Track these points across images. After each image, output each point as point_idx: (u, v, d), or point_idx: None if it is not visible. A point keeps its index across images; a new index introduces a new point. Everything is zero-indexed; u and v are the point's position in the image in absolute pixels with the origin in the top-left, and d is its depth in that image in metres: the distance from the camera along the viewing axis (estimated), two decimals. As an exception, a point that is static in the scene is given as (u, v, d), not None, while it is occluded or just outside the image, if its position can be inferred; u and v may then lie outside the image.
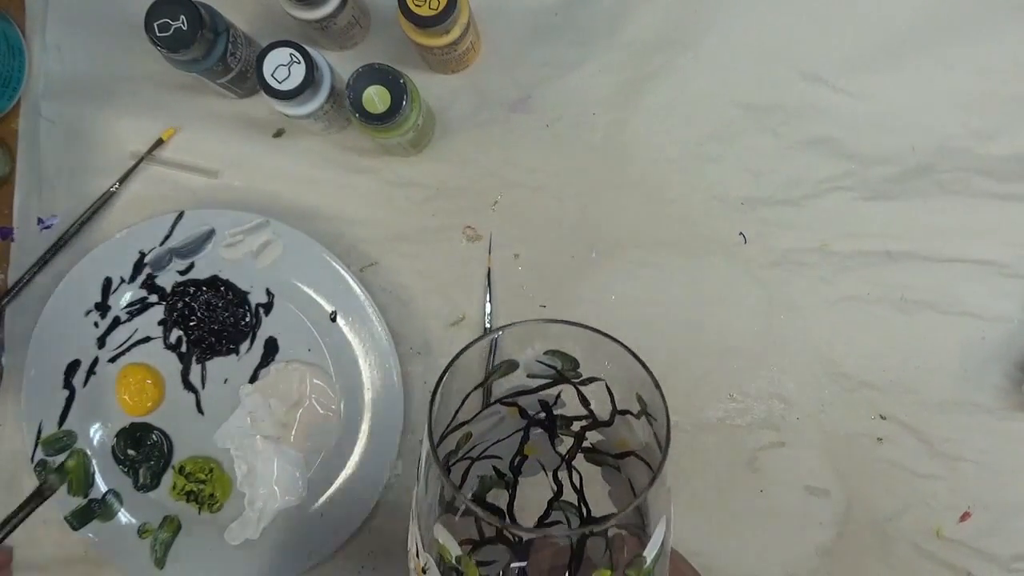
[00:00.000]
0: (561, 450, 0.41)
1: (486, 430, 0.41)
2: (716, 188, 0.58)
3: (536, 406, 0.41)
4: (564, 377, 0.39)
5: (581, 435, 0.41)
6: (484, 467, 0.41)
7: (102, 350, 0.58)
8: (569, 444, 0.41)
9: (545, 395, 0.40)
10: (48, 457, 0.58)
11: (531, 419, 0.41)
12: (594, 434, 0.41)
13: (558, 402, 0.41)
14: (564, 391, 0.40)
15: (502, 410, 0.41)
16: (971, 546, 0.56)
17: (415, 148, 0.58)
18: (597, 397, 0.39)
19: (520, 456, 0.42)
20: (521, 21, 0.59)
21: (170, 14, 0.49)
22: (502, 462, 0.41)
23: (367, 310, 0.57)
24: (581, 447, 0.41)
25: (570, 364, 0.38)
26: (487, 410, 0.40)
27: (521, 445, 0.41)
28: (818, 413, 0.57)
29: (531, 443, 0.42)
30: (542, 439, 0.41)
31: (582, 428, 0.41)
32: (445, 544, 0.32)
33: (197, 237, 0.58)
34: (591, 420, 0.40)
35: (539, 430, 0.41)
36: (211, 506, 0.58)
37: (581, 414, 0.40)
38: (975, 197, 0.57)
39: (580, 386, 0.39)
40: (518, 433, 0.41)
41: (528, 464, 0.42)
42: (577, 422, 0.41)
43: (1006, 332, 0.57)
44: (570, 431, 0.41)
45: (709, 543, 0.57)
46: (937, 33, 0.58)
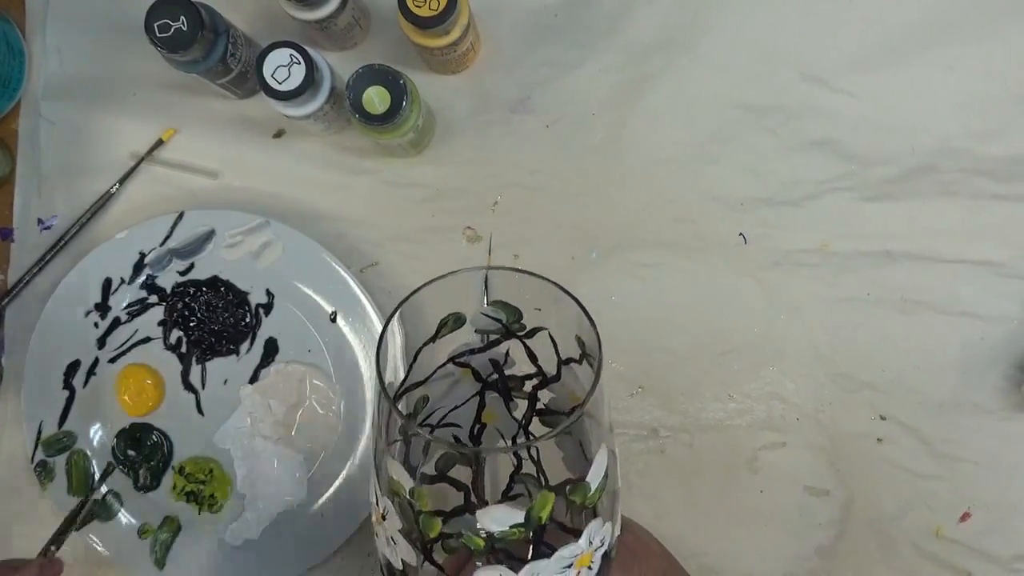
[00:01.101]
0: (517, 415, 0.42)
1: (441, 394, 0.41)
2: (716, 188, 0.58)
3: (488, 367, 0.41)
4: (510, 331, 0.39)
5: (534, 395, 0.41)
6: (444, 436, 0.41)
7: (102, 350, 0.59)
8: (523, 408, 0.42)
9: (495, 354, 0.41)
10: (48, 458, 0.58)
11: (485, 382, 0.41)
12: (546, 393, 0.41)
13: (508, 360, 0.41)
14: (512, 348, 0.40)
15: (456, 371, 0.41)
16: (971, 546, 0.56)
17: (415, 149, 0.58)
18: (544, 352, 0.40)
19: (479, 424, 0.42)
20: (521, 22, 0.59)
21: (170, 15, 0.49)
22: (462, 431, 0.42)
23: (367, 310, 0.57)
24: (535, 410, 0.41)
25: (514, 315, 0.39)
26: (441, 370, 0.41)
27: (478, 412, 0.42)
28: (818, 413, 0.57)
29: (488, 410, 0.42)
30: (498, 404, 0.42)
31: (534, 388, 0.41)
32: (399, 479, 0.32)
33: (197, 238, 0.58)
34: (541, 377, 0.41)
35: (494, 394, 0.42)
36: (211, 506, 0.58)
37: (531, 372, 0.41)
38: (975, 198, 0.57)
39: (526, 339, 0.40)
40: (474, 399, 0.42)
41: (487, 433, 0.42)
42: (528, 381, 0.41)
43: (1006, 332, 0.57)
44: (523, 393, 0.42)
45: (709, 543, 0.57)
46: (937, 33, 0.58)
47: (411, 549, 0.33)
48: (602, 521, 0.33)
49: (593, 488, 0.33)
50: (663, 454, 0.57)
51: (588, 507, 0.33)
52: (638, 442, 0.58)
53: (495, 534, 0.31)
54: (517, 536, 0.31)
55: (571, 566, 0.32)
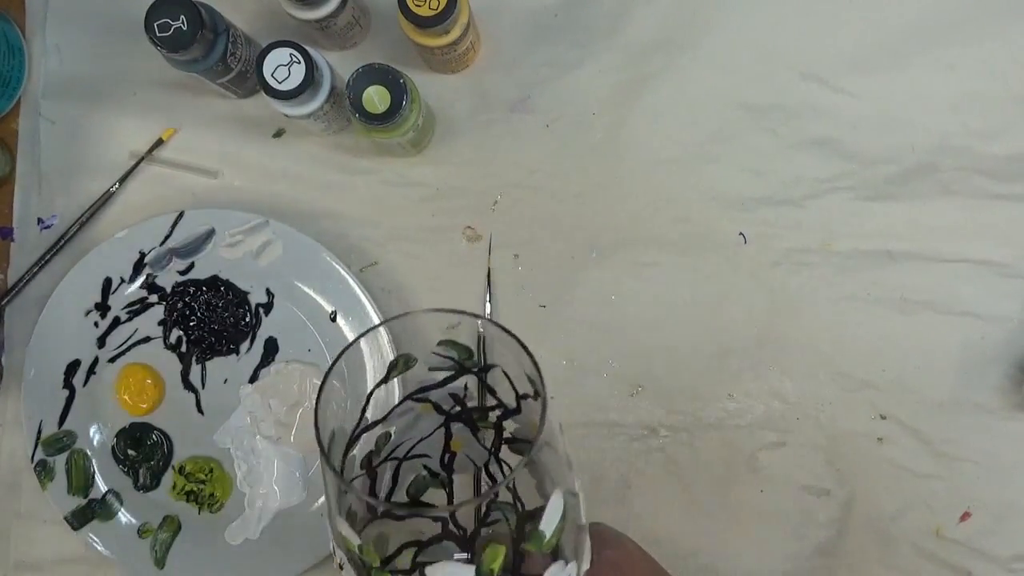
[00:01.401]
0: (486, 443, 0.41)
1: (404, 428, 0.41)
2: (716, 188, 0.58)
3: (448, 400, 0.41)
4: (464, 367, 0.39)
5: (499, 425, 0.41)
6: (415, 467, 0.40)
7: (102, 350, 0.59)
8: (491, 436, 0.41)
9: (454, 388, 0.40)
10: (48, 457, 0.58)
11: (448, 414, 0.41)
12: (510, 423, 0.40)
13: (467, 394, 0.41)
14: (470, 382, 0.40)
15: (415, 407, 0.40)
16: (971, 546, 0.56)
17: (415, 148, 0.58)
18: (500, 385, 0.39)
19: (448, 453, 0.41)
20: (521, 21, 0.59)
21: (170, 14, 0.49)
22: (432, 460, 0.41)
23: (367, 310, 0.57)
24: (503, 439, 0.41)
25: (465, 353, 0.38)
26: (399, 408, 0.40)
27: (447, 441, 0.41)
28: (818, 413, 0.57)
29: (455, 438, 0.41)
30: (465, 432, 0.41)
31: (498, 418, 0.41)
32: (347, 536, 0.32)
33: (197, 237, 0.58)
34: (503, 408, 0.40)
35: (459, 424, 0.41)
36: (211, 506, 0.58)
37: (492, 403, 0.40)
38: (976, 197, 0.57)
39: (481, 374, 0.39)
40: (440, 429, 0.41)
41: (459, 460, 0.41)
42: (492, 412, 0.41)
43: (1006, 332, 0.57)
44: (488, 423, 0.41)
45: (709, 543, 0.57)
46: (937, 33, 0.58)
47: None
48: (563, 564, 0.32)
49: (548, 534, 0.32)
50: (663, 454, 0.57)
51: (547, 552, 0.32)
52: (638, 442, 0.58)
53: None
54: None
55: None
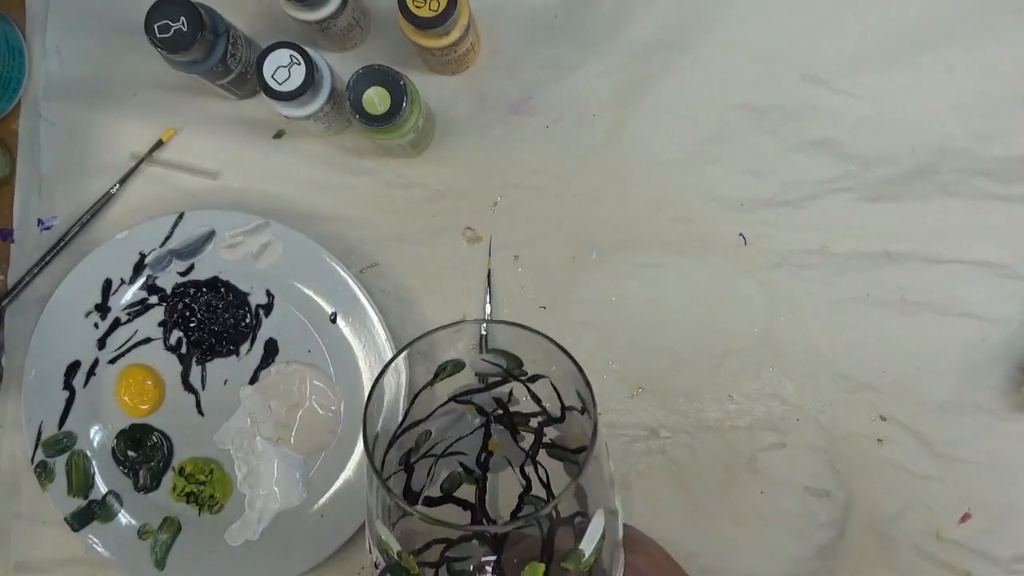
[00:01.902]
0: (524, 445, 0.41)
1: (446, 427, 0.41)
2: (716, 189, 0.58)
3: (491, 403, 0.41)
4: (512, 375, 0.39)
5: (540, 431, 0.41)
6: (451, 464, 0.41)
7: (102, 351, 0.59)
8: (531, 440, 0.41)
9: (499, 392, 0.40)
10: (48, 458, 0.58)
11: (489, 416, 0.41)
12: (552, 429, 0.41)
13: (511, 399, 0.41)
14: (516, 388, 0.40)
15: (458, 408, 0.41)
16: (971, 547, 0.56)
17: (415, 149, 0.58)
18: (547, 394, 0.39)
19: (485, 452, 0.42)
20: (521, 22, 0.59)
21: (170, 15, 0.49)
22: (468, 459, 0.41)
23: (367, 311, 0.57)
24: (542, 443, 0.41)
25: (515, 363, 0.38)
26: (442, 408, 0.40)
27: (485, 441, 0.42)
28: (818, 414, 0.57)
29: (494, 439, 0.42)
30: (504, 435, 0.42)
31: (540, 424, 0.41)
32: (387, 542, 0.32)
33: (197, 238, 0.58)
34: (545, 417, 0.40)
35: (500, 426, 0.41)
36: (211, 507, 0.58)
37: (535, 410, 0.40)
38: (975, 198, 0.57)
39: (528, 383, 0.39)
40: (480, 430, 0.41)
41: (495, 460, 0.42)
42: (534, 418, 0.41)
43: (1006, 333, 0.57)
44: (529, 427, 0.41)
45: (709, 543, 0.57)
46: (937, 34, 0.58)
47: None
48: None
49: (587, 554, 0.32)
50: (663, 455, 0.57)
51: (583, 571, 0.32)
52: (638, 443, 0.58)
53: None
54: None
55: None
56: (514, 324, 0.35)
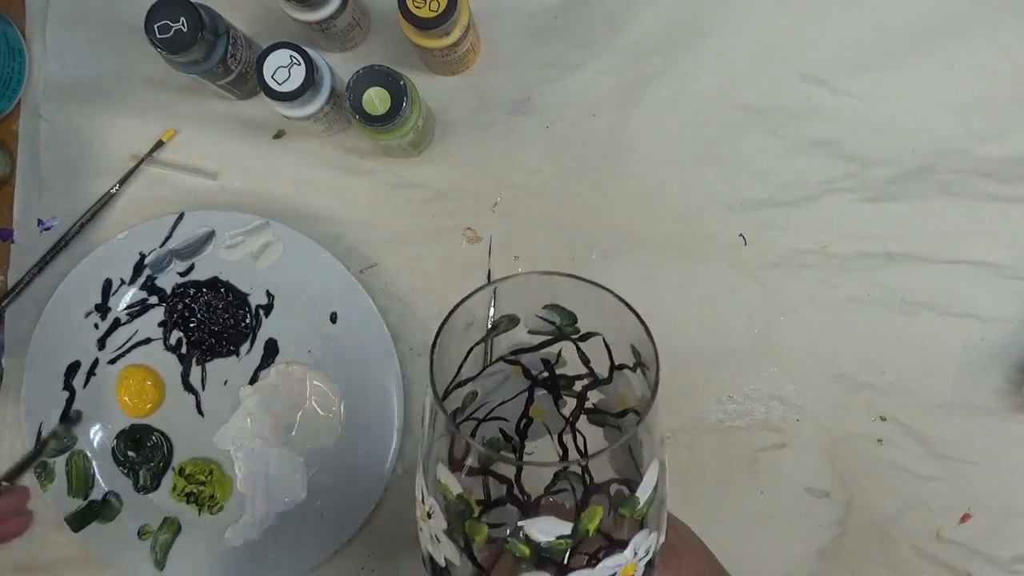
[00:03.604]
0: (564, 412, 0.42)
1: (491, 389, 0.41)
2: (716, 189, 0.58)
3: (539, 365, 0.41)
4: (563, 333, 0.39)
5: (583, 395, 0.41)
6: (491, 429, 0.41)
7: (102, 351, 0.59)
8: (572, 405, 0.42)
9: (547, 353, 0.41)
10: (48, 458, 0.58)
11: (535, 379, 0.41)
12: (595, 393, 0.41)
13: (559, 360, 0.41)
14: (564, 348, 0.40)
15: (506, 368, 0.41)
16: (971, 547, 0.56)
17: (415, 150, 0.58)
18: (596, 354, 0.40)
19: (526, 419, 0.42)
20: (521, 23, 0.59)
21: (170, 16, 0.49)
22: (508, 424, 0.42)
23: (367, 311, 0.57)
24: (584, 408, 0.41)
25: (568, 319, 0.39)
26: (490, 368, 0.41)
27: (526, 407, 0.42)
28: (818, 414, 0.57)
29: (536, 405, 0.42)
30: (546, 400, 0.42)
31: (584, 388, 0.41)
32: (447, 483, 0.32)
33: (197, 238, 0.58)
34: (592, 379, 0.41)
35: (543, 391, 0.42)
36: (211, 507, 0.58)
37: (582, 372, 0.41)
38: (975, 199, 0.57)
39: (579, 342, 0.40)
40: (523, 394, 0.42)
41: (533, 428, 0.42)
42: (579, 381, 0.41)
43: (1006, 334, 0.57)
44: (572, 391, 0.41)
45: (709, 543, 0.57)
46: (937, 34, 0.58)
47: (455, 549, 0.33)
48: (648, 531, 0.33)
49: (642, 502, 0.33)
50: (663, 455, 0.57)
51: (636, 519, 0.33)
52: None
53: (541, 543, 0.31)
54: (563, 547, 0.31)
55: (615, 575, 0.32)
56: (574, 276, 0.35)
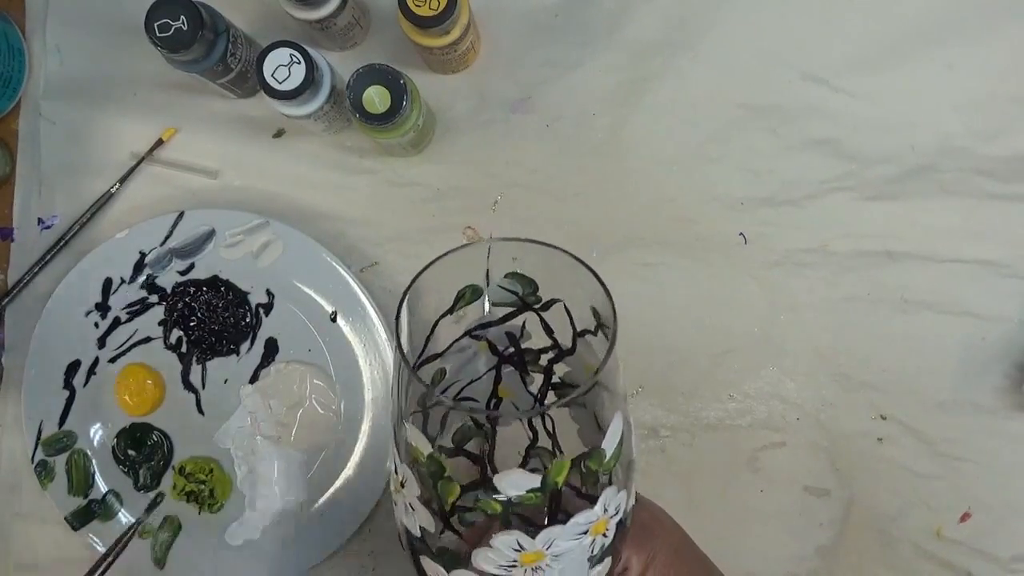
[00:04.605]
0: (532, 389, 0.42)
1: (459, 367, 0.42)
2: (716, 188, 0.58)
3: (504, 340, 0.42)
4: (526, 303, 0.40)
5: (549, 369, 0.42)
6: (462, 416, 0.42)
7: (102, 350, 0.59)
8: (539, 382, 0.42)
9: (511, 327, 0.41)
10: (48, 457, 0.58)
11: (501, 355, 0.42)
12: (561, 367, 0.41)
13: (524, 334, 0.41)
14: (528, 321, 0.41)
15: (473, 344, 0.41)
16: (971, 546, 0.56)
17: (415, 148, 0.58)
18: (559, 324, 0.40)
19: (495, 399, 0.42)
20: (521, 21, 0.59)
21: (170, 14, 0.49)
22: (478, 405, 0.42)
23: (367, 310, 0.57)
24: (551, 384, 0.42)
25: (530, 287, 0.39)
26: (457, 344, 0.41)
27: (495, 387, 0.42)
28: (818, 413, 0.57)
29: (504, 384, 0.42)
30: (514, 378, 0.42)
31: (549, 361, 0.42)
32: (417, 446, 0.33)
33: (197, 237, 0.58)
34: (557, 351, 0.41)
35: (510, 368, 0.42)
36: (211, 506, 0.58)
37: (547, 345, 0.41)
38: (976, 197, 0.57)
39: (541, 311, 0.40)
40: (490, 373, 0.42)
41: (504, 407, 0.43)
42: (544, 355, 0.42)
43: (1006, 332, 0.57)
44: (539, 366, 0.42)
45: (709, 543, 0.57)
46: (937, 33, 0.58)
47: (430, 515, 0.33)
48: (616, 489, 0.33)
49: (608, 454, 0.33)
50: (663, 454, 0.57)
51: (604, 474, 0.33)
52: (638, 442, 0.58)
53: (512, 499, 0.31)
54: (534, 501, 0.31)
55: (586, 532, 0.32)
56: (531, 241, 0.35)
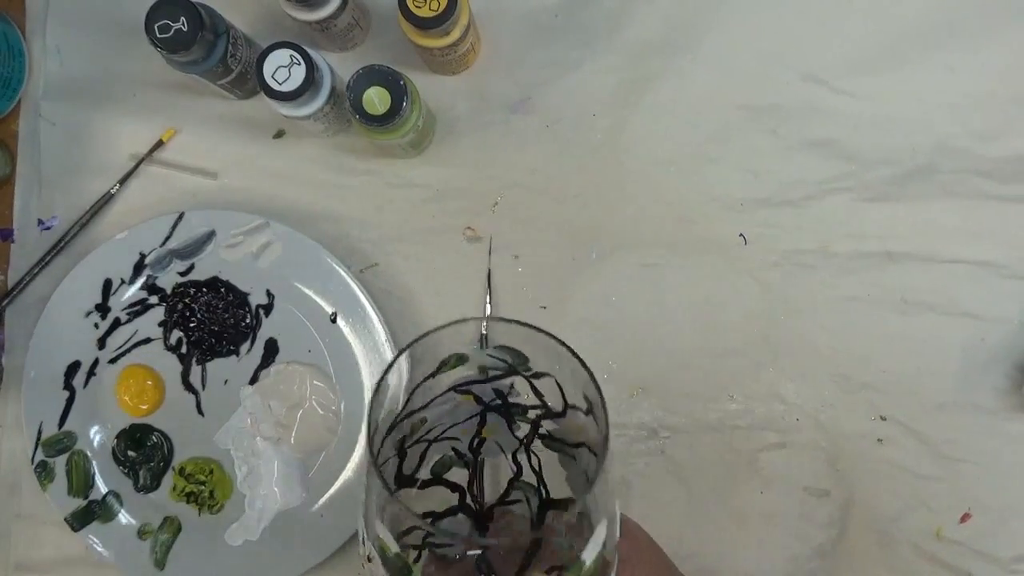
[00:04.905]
0: (519, 435, 0.41)
1: (441, 415, 0.41)
2: (716, 189, 0.58)
3: (490, 394, 0.41)
4: (515, 370, 0.39)
5: (537, 423, 0.41)
6: (443, 448, 0.41)
7: (102, 351, 0.59)
8: (526, 430, 0.41)
9: (499, 384, 0.40)
10: (48, 458, 0.58)
11: (487, 405, 0.41)
12: (550, 422, 0.41)
13: (512, 391, 0.41)
14: (517, 382, 0.40)
15: (456, 397, 0.41)
16: (971, 547, 0.56)
17: (415, 149, 0.58)
18: (549, 391, 0.39)
19: (479, 438, 0.42)
20: (521, 22, 0.59)
21: (170, 15, 0.49)
22: (461, 444, 0.41)
23: (367, 311, 0.57)
24: (538, 433, 0.41)
25: (520, 360, 0.38)
26: (440, 397, 0.40)
27: (479, 428, 0.41)
28: (818, 414, 0.57)
29: (489, 426, 0.41)
30: (500, 423, 0.41)
31: (537, 416, 0.41)
32: (384, 540, 0.32)
33: (197, 238, 0.58)
34: (545, 409, 0.40)
35: (496, 415, 0.41)
36: (211, 507, 0.58)
37: (535, 403, 0.40)
38: (975, 198, 0.57)
39: (532, 379, 0.39)
40: (475, 418, 0.41)
41: (487, 446, 0.42)
42: (532, 411, 0.41)
43: (1006, 333, 0.57)
44: (526, 418, 0.41)
45: (709, 543, 0.57)
46: (937, 34, 0.58)
47: None
48: None
49: (588, 563, 0.31)
50: (663, 455, 0.57)
51: None
52: (638, 443, 0.58)
53: None
54: None
55: None
56: (521, 323, 0.34)
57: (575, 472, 0.37)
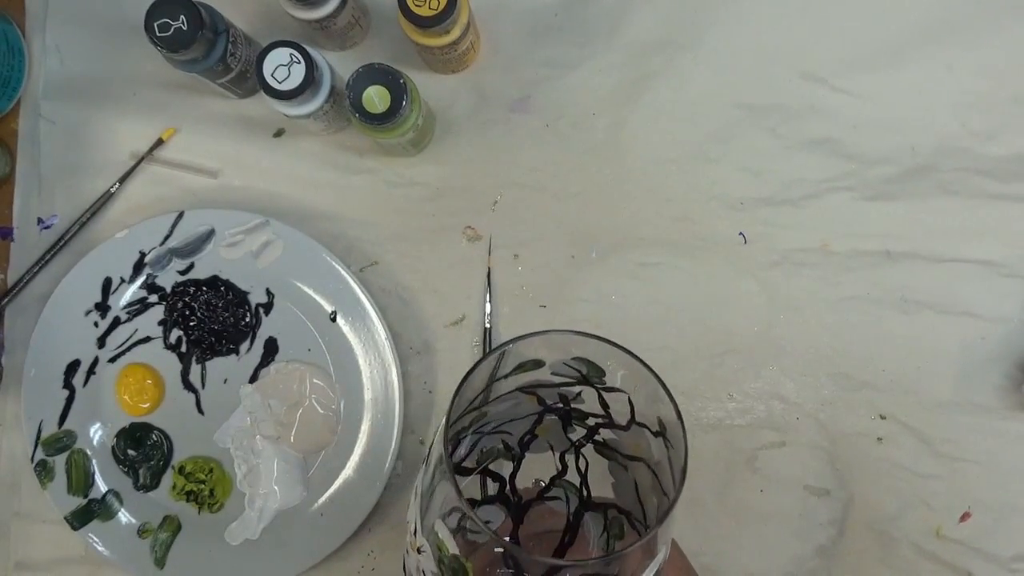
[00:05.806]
0: (572, 437, 0.41)
1: (502, 411, 0.41)
2: (716, 188, 0.58)
3: (555, 397, 0.41)
4: (588, 381, 0.39)
5: (595, 430, 0.41)
6: (493, 440, 0.41)
7: (102, 350, 0.59)
8: (581, 434, 0.41)
9: (566, 391, 0.40)
10: (48, 457, 0.58)
11: (547, 407, 0.41)
12: (608, 432, 0.41)
13: (577, 398, 0.40)
14: (585, 391, 0.40)
15: (521, 397, 0.41)
16: (971, 546, 0.56)
17: (415, 148, 0.58)
18: (617, 404, 0.39)
19: (531, 435, 0.42)
20: (521, 21, 0.59)
21: (170, 14, 0.49)
22: (511, 437, 0.41)
23: (367, 310, 0.57)
24: (593, 439, 0.41)
25: (596, 372, 0.38)
26: (505, 396, 0.40)
27: (534, 426, 0.41)
28: (818, 413, 0.57)
29: (544, 426, 0.41)
30: (555, 424, 0.41)
31: (597, 424, 0.41)
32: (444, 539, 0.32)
33: (197, 237, 0.58)
34: (608, 420, 0.40)
35: (554, 417, 0.41)
36: (211, 506, 0.58)
37: (599, 412, 0.40)
38: (975, 197, 0.57)
39: (604, 391, 0.39)
40: (532, 416, 0.41)
41: (537, 443, 0.42)
42: (594, 418, 0.41)
43: (1006, 332, 0.57)
44: (584, 424, 0.41)
45: (709, 543, 0.57)
46: (937, 33, 0.58)
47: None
48: None
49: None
50: (663, 454, 0.57)
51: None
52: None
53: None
54: None
55: None
56: (613, 344, 0.34)
57: (623, 480, 0.37)
